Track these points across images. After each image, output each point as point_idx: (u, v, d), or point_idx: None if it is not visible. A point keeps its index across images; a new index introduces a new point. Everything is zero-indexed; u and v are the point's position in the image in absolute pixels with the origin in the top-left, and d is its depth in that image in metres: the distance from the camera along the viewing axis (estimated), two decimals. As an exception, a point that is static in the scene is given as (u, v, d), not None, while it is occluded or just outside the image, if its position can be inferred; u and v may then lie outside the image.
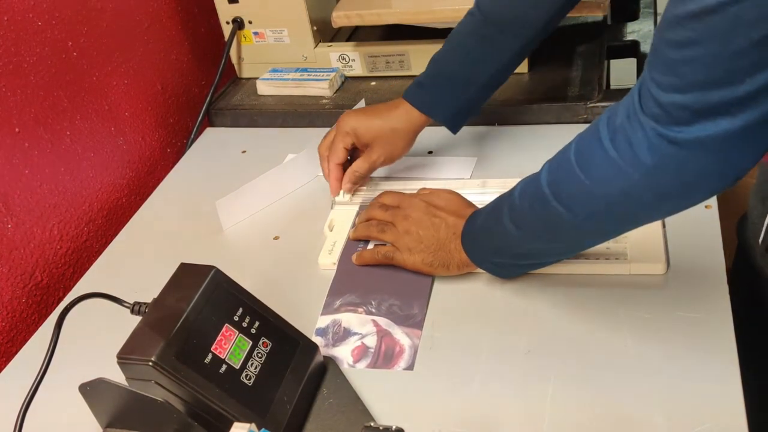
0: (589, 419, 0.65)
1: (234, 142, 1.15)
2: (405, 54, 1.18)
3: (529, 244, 0.72)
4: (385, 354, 0.74)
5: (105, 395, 0.62)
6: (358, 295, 0.81)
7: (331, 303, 0.81)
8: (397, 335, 0.76)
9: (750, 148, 0.54)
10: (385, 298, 0.80)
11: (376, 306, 0.79)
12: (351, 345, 0.76)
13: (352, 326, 0.78)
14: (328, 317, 0.79)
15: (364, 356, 0.74)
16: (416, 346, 0.74)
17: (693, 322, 0.72)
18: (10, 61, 0.90)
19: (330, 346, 0.76)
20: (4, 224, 0.89)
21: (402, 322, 0.77)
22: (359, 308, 0.79)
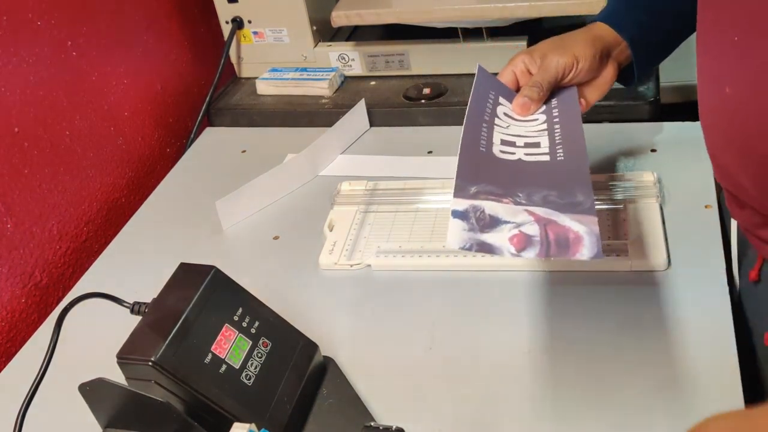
0: (589, 419, 0.65)
1: (234, 142, 1.15)
2: (405, 53, 1.18)
3: None
4: (558, 242, 0.57)
5: (105, 395, 0.62)
6: (498, 186, 0.62)
7: (465, 188, 0.61)
8: (566, 223, 0.58)
9: None
10: (535, 190, 0.62)
11: (526, 198, 0.61)
12: (506, 233, 0.57)
13: (500, 214, 0.59)
14: (465, 201, 0.60)
15: (528, 245, 0.57)
16: (595, 233, 0.56)
17: (693, 321, 0.72)
18: (9, 61, 0.90)
19: (476, 231, 0.58)
20: (4, 224, 0.89)
21: (567, 210, 0.59)
22: (504, 199, 0.61)
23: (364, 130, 1.12)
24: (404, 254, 0.85)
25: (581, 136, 0.70)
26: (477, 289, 0.80)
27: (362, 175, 1.00)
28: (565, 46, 0.78)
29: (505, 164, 0.67)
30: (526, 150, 0.69)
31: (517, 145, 0.70)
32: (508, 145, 0.70)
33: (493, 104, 0.75)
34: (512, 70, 0.78)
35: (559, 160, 0.67)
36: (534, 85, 0.76)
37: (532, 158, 0.68)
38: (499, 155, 0.68)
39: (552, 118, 0.75)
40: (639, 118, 1.03)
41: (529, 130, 0.73)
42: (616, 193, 0.88)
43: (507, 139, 0.71)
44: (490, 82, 0.78)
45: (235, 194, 0.95)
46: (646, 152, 0.96)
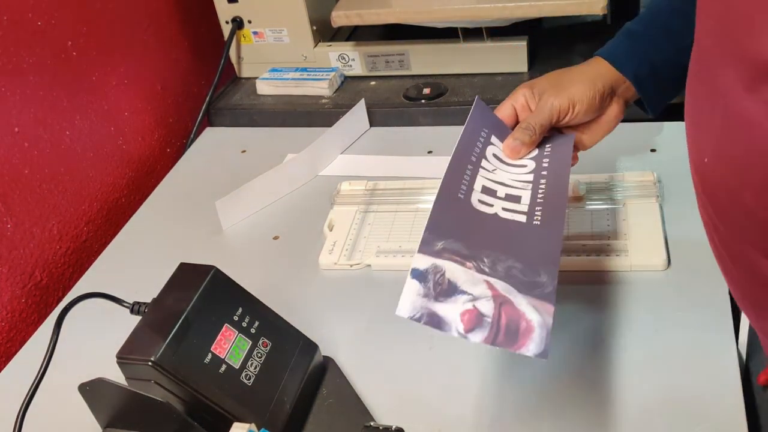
0: (589, 418, 0.65)
1: (234, 142, 1.15)
2: (405, 54, 1.18)
3: None
4: (508, 329, 0.55)
5: (105, 395, 0.62)
6: (465, 244, 0.60)
7: (431, 242, 0.60)
8: (521, 306, 0.56)
9: None
10: (502, 258, 0.59)
11: (490, 265, 0.59)
12: (459, 306, 0.56)
13: (459, 282, 0.57)
14: (428, 259, 0.58)
15: (478, 326, 0.55)
16: (547, 326, 0.55)
17: (693, 321, 0.72)
18: (10, 61, 0.90)
19: (430, 298, 0.56)
20: (4, 224, 0.89)
21: (527, 290, 0.57)
22: (468, 262, 0.59)
23: (364, 130, 1.12)
24: (404, 254, 0.85)
25: (564, 196, 0.67)
26: (477, 289, 0.80)
27: (362, 175, 1.00)
28: (563, 86, 0.73)
29: (480, 218, 0.64)
30: (505, 203, 0.67)
31: (497, 195, 0.67)
32: (489, 194, 0.67)
33: (483, 143, 0.72)
34: (512, 104, 0.75)
35: (535, 225, 0.64)
36: (527, 128, 0.72)
37: (509, 215, 0.65)
38: (477, 206, 0.65)
39: (540, 168, 0.71)
40: (639, 118, 1.03)
41: (514, 179, 0.70)
42: (616, 193, 0.88)
43: (489, 186, 0.68)
44: (486, 117, 0.75)
45: (235, 194, 0.95)
46: (646, 152, 0.96)
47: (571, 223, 0.85)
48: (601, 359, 0.70)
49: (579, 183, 0.89)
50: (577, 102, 0.73)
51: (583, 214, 0.86)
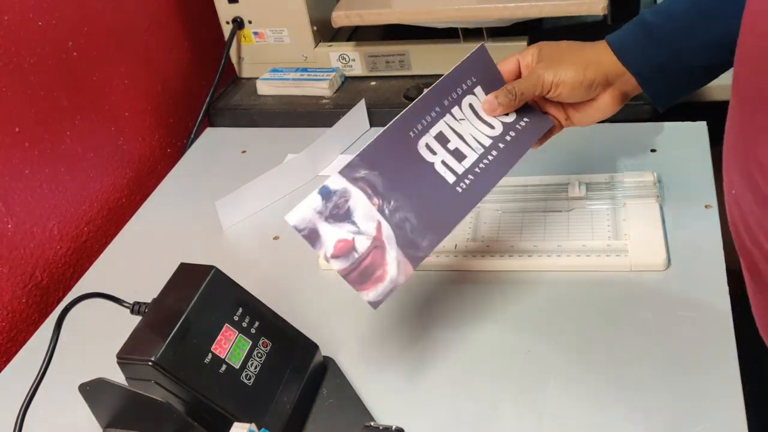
0: (589, 419, 0.65)
1: (234, 142, 1.15)
2: (405, 54, 1.18)
3: None
4: (365, 270, 0.63)
5: (105, 395, 0.62)
6: (384, 182, 0.66)
7: (356, 167, 0.66)
8: (388, 256, 0.64)
9: None
10: (406, 207, 0.66)
11: (391, 209, 0.66)
12: (341, 233, 0.64)
13: (355, 212, 0.65)
14: (343, 181, 0.65)
15: (345, 255, 0.64)
16: (396, 284, 0.64)
17: (693, 321, 0.72)
18: (10, 61, 0.90)
19: (322, 216, 0.64)
20: (4, 224, 0.89)
21: (404, 245, 0.65)
22: (375, 198, 0.66)
23: (364, 131, 1.12)
24: (404, 254, 0.85)
25: (498, 178, 0.71)
26: (477, 289, 0.80)
27: (362, 175, 1.00)
28: (558, 61, 0.72)
29: (415, 162, 0.68)
30: (448, 157, 0.70)
31: (446, 146, 0.70)
32: (439, 142, 0.70)
33: (464, 92, 0.73)
34: (518, 60, 0.75)
35: (456, 190, 0.68)
36: (510, 92, 0.73)
37: (442, 171, 0.69)
38: (421, 149, 0.69)
39: (504, 136, 0.73)
40: (639, 118, 1.03)
41: (474, 136, 0.72)
42: (616, 193, 0.88)
43: (445, 134, 0.70)
44: (482, 67, 0.75)
45: (235, 194, 0.96)
46: (646, 152, 0.96)
47: (571, 223, 0.85)
48: (601, 359, 0.70)
49: (579, 183, 0.89)
50: (561, 83, 0.72)
51: (583, 214, 0.86)
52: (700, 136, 0.97)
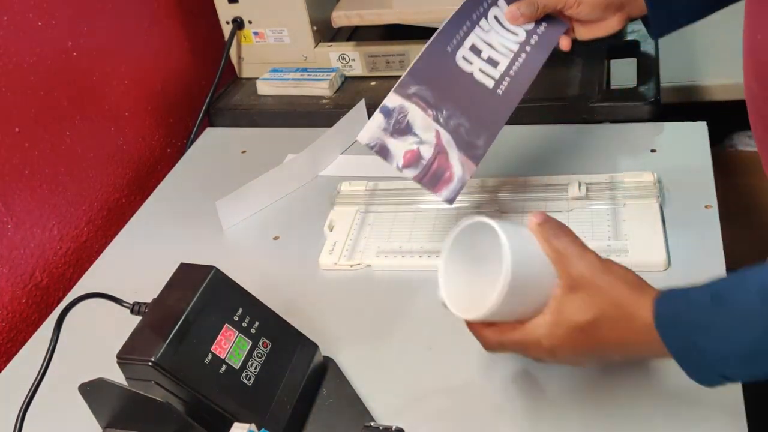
0: (589, 419, 0.65)
1: (234, 142, 1.15)
2: (405, 54, 1.18)
3: None
4: (435, 173, 0.71)
5: (105, 395, 0.62)
6: (434, 94, 0.75)
7: (407, 84, 0.74)
8: (452, 159, 0.73)
9: None
10: (457, 114, 0.75)
11: (445, 117, 0.74)
12: (407, 145, 0.73)
13: (415, 124, 0.73)
14: (398, 98, 0.74)
15: (414, 164, 0.72)
16: (464, 181, 0.72)
17: (693, 321, 0.72)
18: (10, 61, 0.90)
19: (387, 132, 0.73)
20: (4, 224, 0.89)
21: (463, 147, 0.73)
22: (429, 110, 0.74)
23: (364, 131, 1.12)
24: (404, 254, 0.85)
25: (533, 75, 0.79)
26: (477, 289, 0.80)
27: (362, 175, 1.00)
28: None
29: (456, 74, 0.76)
30: (483, 65, 0.78)
31: (480, 56, 0.78)
32: (474, 53, 0.78)
33: (488, 5, 0.80)
34: None
35: (497, 94, 0.77)
36: (531, 4, 0.78)
37: (481, 78, 0.77)
38: (459, 61, 0.77)
39: (528, 41, 0.80)
40: (639, 118, 1.03)
41: (502, 44, 0.79)
42: (616, 193, 0.88)
43: (477, 45, 0.78)
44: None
45: (235, 194, 0.96)
46: (646, 152, 0.96)
47: (571, 223, 0.85)
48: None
49: (579, 183, 0.89)
50: (583, 2, 0.78)
51: (583, 214, 0.86)
52: (700, 136, 0.97)
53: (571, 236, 0.59)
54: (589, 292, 0.56)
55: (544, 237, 0.58)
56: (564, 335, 0.56)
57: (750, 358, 0.50)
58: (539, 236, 0.58)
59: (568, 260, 0.57)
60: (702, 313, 0.51)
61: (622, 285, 0.56)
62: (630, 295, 0.55)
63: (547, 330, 0.57)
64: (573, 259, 0.57)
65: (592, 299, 0.56)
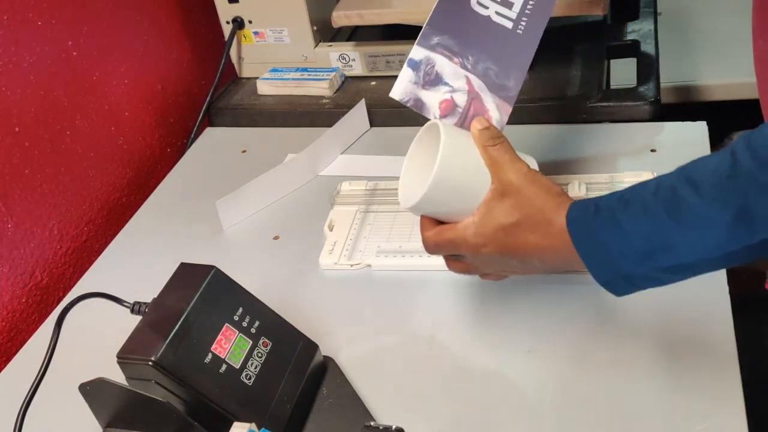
0: (588, 419, 0.65)
1: (234, 142, 1.15)
2: (405, 54, 1.17)
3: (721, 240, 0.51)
4: (472, 118, 0.70)
5: (105, 395, 0.62)
6: (457, 42, 0.74)
7: (429, 36, 0.74)
8: (487, 103, 0.72)
9: None
10: (483, 58, 0.74)
11: (472, 63, 0.74)
12: (440, 95, 0.73)
13: (444, 74, 0.73)
14: (423, 51, 0.74)
15: (451, 113, 0.72)
16: (502, 123, 0.72)
17: (693, 321, 0.72)
18: (10, 60, 0.90)
19: (419, 85, 0.73)
20: (4, 224, 0.89)
21: (495, 90, 0.73)
22: (455, 58, 0.74)
23: (364, 130, 1.12)
24: (404, 254, 0.85)
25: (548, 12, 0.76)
26: (477, 289, 0.80)
27: (362, 175, 1.00)
28: None
29: (474, 19, 0.74)
30: (499, 8, 0.75)
31: None
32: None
33: None
34: None
35: (518, 33, 0.74)
36: None
37: (499, 20, 0.75)
38: (475, 6, 0.75)
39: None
40: (639, 118, 1.03)
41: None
42: (616, 193, 0.87)
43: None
44: None
45: (235, 194, 0.96)
46: (646, 152, 0.96)
47: (571, 223, 0.85)
48: (600, 359, 0.70)
49: (579, 183, 0.89)
50: None
51: (583, 214, 0.86)
52: (700, 136, 0.97)
53: (506, 145, 0.64)
54: (515, 198, 0.61)
55: (482, 143, 0.64)
56: (489, 234, 0.62)
57: (646, 254, 0.53)
58: (477, 142, 0.64)
59: (501, 167, 0.62)
60: (607, 214, 0.55)
61: (545, 193, 0.61)
62: (551, 202, 0.60)
63: (474, 229, 0.63)
64: (505, 166, 0.62)
65: (517, 204, 0.61)
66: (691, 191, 0.51)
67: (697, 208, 0.50)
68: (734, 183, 0.49)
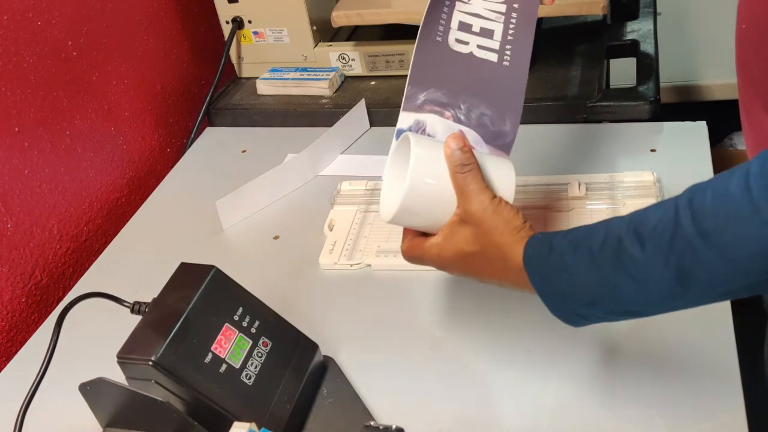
0: (588, 419, 0.65)
1: (234, 142, 1.15)
2: (405, 53, 1.18)
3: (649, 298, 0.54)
4: None
5: (105, 395, 0.62)
6: (445, 93, 0.69)
7: (413, 96, 0.70)
8: None
9: None
10: (476, 103, 0.69)
11: (465, 112, 0.69)
12: None
13: (437, 134, 0.69)
14: (411, 116, 0.70)
15: None
16: None
17: (693, 321, 0.72)
18: (10, 60, 0.90)
19: None
20: (4, 224, 0.89)
21: (491, 139, 0.69)
22: (447, 111, 0.69)
23: (364, 130, 1.12)
24: (404, 254, 0.85)
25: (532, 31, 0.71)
26: (477, 289, 0.80)
27: (362, 175, 1.00)
28: None
29: (457, 60, 0.70)
30: (480, 40, 0.71)
31: (472, 31, 0.71)
32: (465, 30, 0.71)
33: None
34: None
35: (504, 65, 0.70)
36: None
37: (483, 54, 0.70)
38: (454, 46, 0.70)
39: None
40: (639, 118, 1.03)
41: (489, 8, 0.71)
42: (616, 193, 0.88)
43: (465, 21, 0.71)
44: None
45: (235, 194, 0.96)
46: (646, 152, 0.96)
47: (571, 222, 0.85)
48: (601, 359, 0.70)
49: (579, 183, 0.89)
50: None
51: (583, 214, 0.86)
52: (700, 136, 0.97)
53: (474, 173, 0.63)
54: (476, 229, 0.62)
55: (451, 167, 0.63)
56: (451, 257, 0.64)
57: (593, 301, 0.55)
58: (449, 165, 0.63)
59: (466, 196, 0.63)
60: (558, 258, 0.57)
61: (505, 227, 0.62)
62: (509, 238, 0.61)
63: (437, 250, 0.65)
64: (470, 196, 0.63)
65: (476, 235, 0.62)
66: (637, 246, 0.52)
67: (641, 262, 0.52)
68: (674, 246, 0.50)
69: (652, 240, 0.51)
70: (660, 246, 0.51)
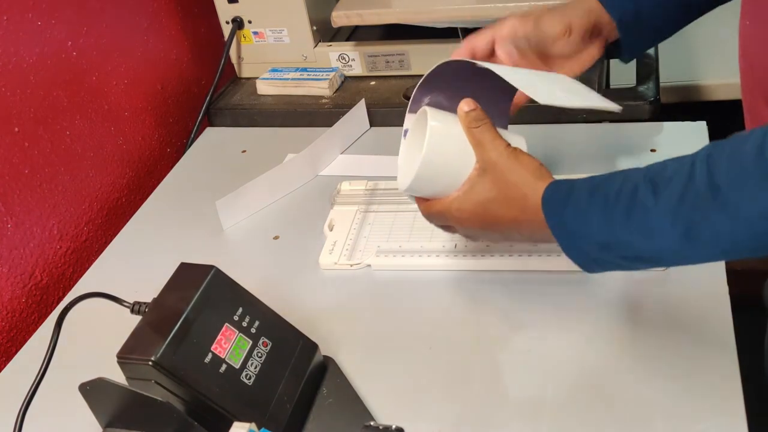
0: (588, 419, 0.65)
1: (234, 142, 1.15)
2: (405, 54, 1.18)
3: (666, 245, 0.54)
4: None
5: (105, 395, 0.62)
6: (447, 97, 0.74)
7: (420, 99, 0.74)
8: None
9: None
10: None
11: None
12: None
13: None
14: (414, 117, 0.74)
15: None
16: None
17: (693, 321, 0.72)
18: (9, 60, 0.90)
19: None
20: (4, 224, 0.89)
21: None
22: None
23: (364, 130, 1.12)
24: (404, 254, 0.85)
25: None
26: (477, 289, 0.80)
27: (362, 175, 1.00)
28: (563, 12, 0.76)
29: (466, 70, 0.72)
30: None
31: None
32: None
33: None
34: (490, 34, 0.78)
35: None
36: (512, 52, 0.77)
37: None
38: None
39: None
40: (639, 118, 1.03)
41: None
42: (616, 193, 0.87)
43: None
44: None
45: (235, 194, 0.96)
46: (646, 152, 0.96)
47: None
48: (600, 359, 0.70)
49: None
50: (574, 29, 0.75)
51: (583, 214, 0.86)
52: (700, 135, 0.97)
53: (488, 126, 0.67)
54: (494, 174, 0.65)
55: (467, 125, 0.67)
56: (470, 209, 0.66)
57: (606, 245, 0.57)
58: (463, 124, 0.67)
59: (483, 146, 0.66)
60: (577, 200, 0.59)
61: (523, 169, 0.64)
62: (528, 179, 0.63)
63: (457, 204, 0.67)
64: (487, 145, 0.66)
65: (495, 180, 0.65)
66: (650, 195, 0.54)
67: (652, 214, 0.53)
68: (686, 201, 0.52)
69: (666, 190, 0.53)
70: (671, 197, 0.52)
